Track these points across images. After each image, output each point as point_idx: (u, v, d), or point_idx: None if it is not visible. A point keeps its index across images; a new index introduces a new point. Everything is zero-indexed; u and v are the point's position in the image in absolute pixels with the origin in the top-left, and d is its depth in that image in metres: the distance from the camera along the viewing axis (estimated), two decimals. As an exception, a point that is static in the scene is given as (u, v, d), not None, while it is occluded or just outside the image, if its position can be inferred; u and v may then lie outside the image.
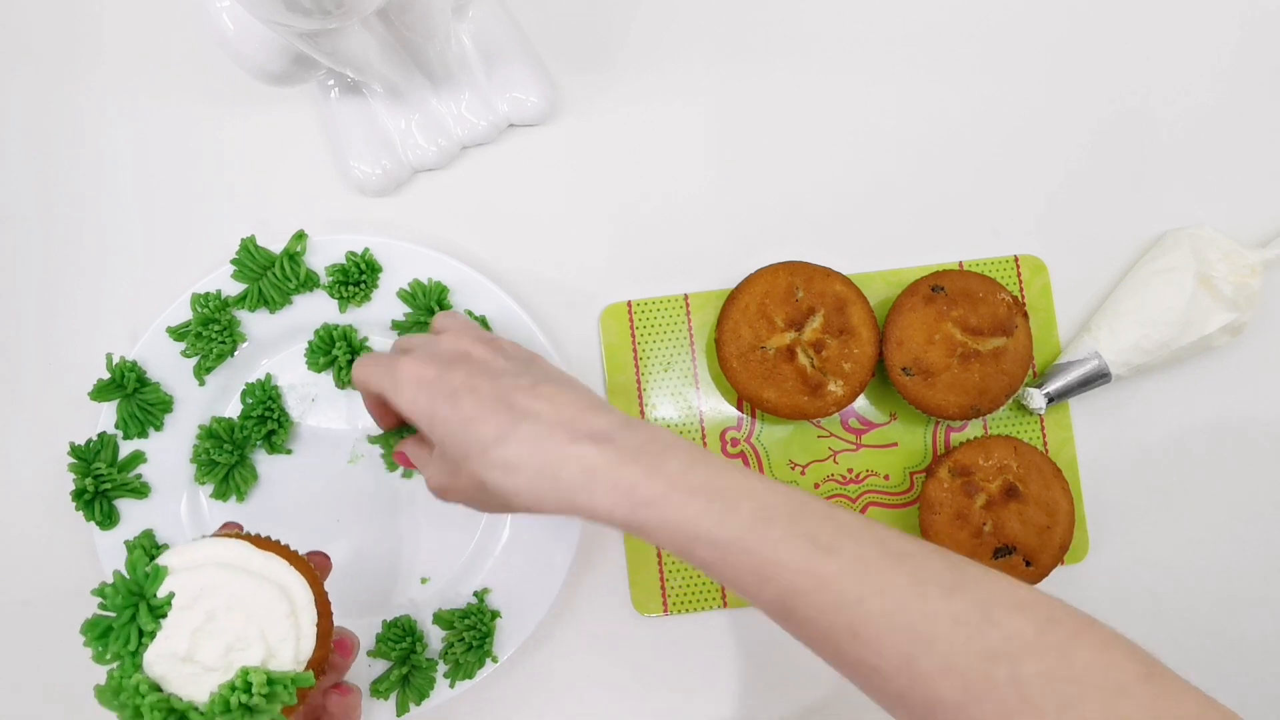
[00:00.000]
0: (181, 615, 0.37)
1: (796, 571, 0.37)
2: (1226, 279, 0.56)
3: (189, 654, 0.37)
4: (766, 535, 0.37)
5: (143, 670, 0.37)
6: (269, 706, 0.36)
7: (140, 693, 0.36)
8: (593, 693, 0.57)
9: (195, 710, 0.36)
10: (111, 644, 0.37)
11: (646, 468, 0.38)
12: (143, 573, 0.37)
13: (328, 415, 0.57)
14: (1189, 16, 0.60)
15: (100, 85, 0.59)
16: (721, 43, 0.59)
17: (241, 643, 0.37)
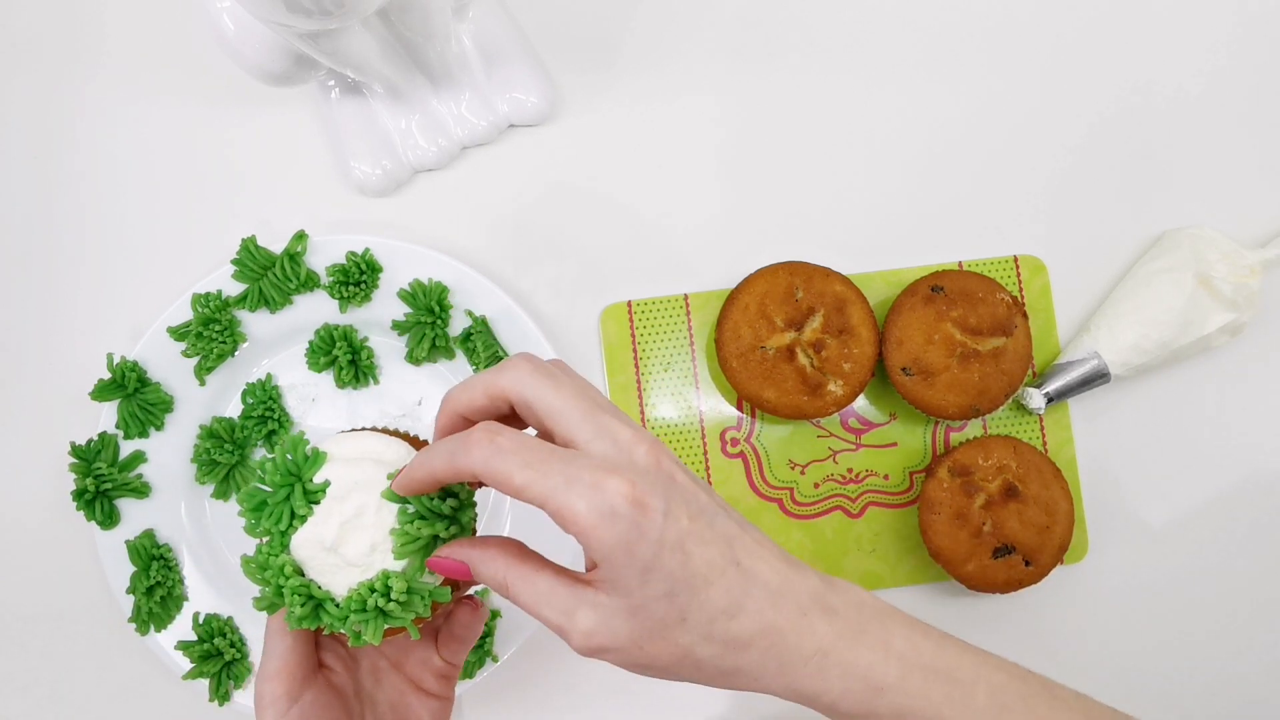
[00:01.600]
0: (333, 505, 0.36)
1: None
2: (1226, 279, 0.56)
3: (335, 544, 0.36)
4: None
5: (289, 551, 0.37)
6: (403, 614, 0.36)
7: (285, 574, 0.36)
8: (593, 693, 0.57)
9: (332, 601, 0.36)
10: (265, 519, 0.37)
11: (876, 646, 0.35)
12: (303, 455, 0.37)
13: (328, 415, 0.57)
14: (1189, 16, 0.60)
15: (101, 85, 0.59)
16: (721, 43, 0.59)
17: (387, 544, 0.36)
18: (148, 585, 0.54)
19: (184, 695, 0.57)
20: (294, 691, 0.38)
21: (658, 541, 0.33)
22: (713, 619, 0.34)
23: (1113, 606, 0.59)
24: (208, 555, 0.56)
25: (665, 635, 0.34)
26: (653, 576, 0.33)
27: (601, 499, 0.32)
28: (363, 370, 0.57)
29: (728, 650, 0.34)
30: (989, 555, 0.54)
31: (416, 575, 0.36)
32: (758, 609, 0.34)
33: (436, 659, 0.41)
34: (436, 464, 0.34)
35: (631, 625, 0.34)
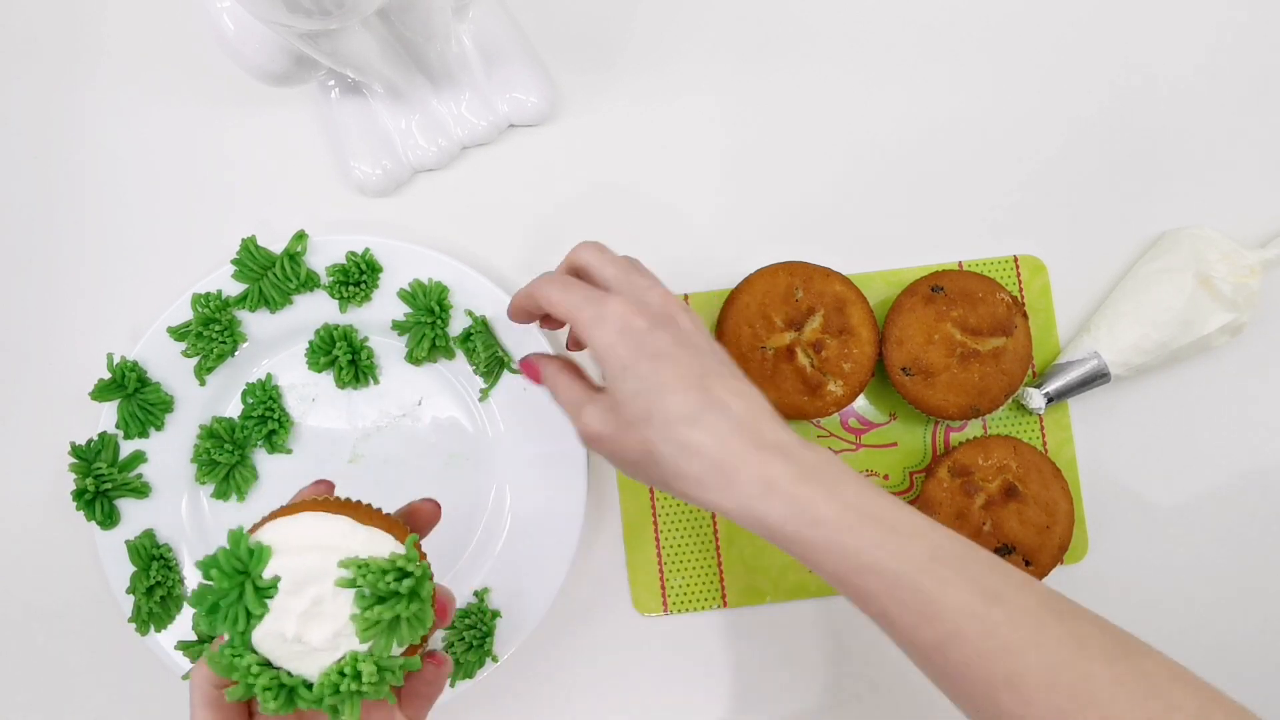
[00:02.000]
0: (288, 599, 0.36)
1: (962, 614, 0.36)
2: (1226, 279, 0.56)
3: (297, 635, 0.36)
4: (937, 574, 0.37)
5: (252, 646, 0.36)
6: (378, 690, 0.36)
7: (253, 674, 0.36)
8: (593, 693, 0.57)
9: (305, 685, 0.36)
10: (220, 622, 0.36)
11: (825, 489, 0.39)
12: (246, 550, 0.37)
13: (328, 415, 0.57)
14: (1189, 16, 0.60)
15: (101, 85, 0.59)
16: (721, 43, 0.59)
17: (349, 628, 0.36)
18: (148, 585, 0.54)
19: (184, 695, 0.57)
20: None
21: (636, 347, 0.41)
22: (670, 422, 0.40)
23: (1113, 607, 0.58)
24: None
25: (634, 428, 0.41)
26: (628, 375, 0.41)
27: (601, 310, 0.42)
28: (363, 370, 0.57)
29: (682, 452, 0.39)
30: (989, 555, 0.54)
31: (384, 653, 0.36)
32: (716, 427, 0.39)
33: (399, 716, 0.41)
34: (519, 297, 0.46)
35: (613, 417, 0.42)
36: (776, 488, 0.38)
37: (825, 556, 0.38)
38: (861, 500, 0.39)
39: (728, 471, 0.39)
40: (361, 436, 0.57)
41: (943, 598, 0.37)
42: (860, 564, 0.38)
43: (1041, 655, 0.36)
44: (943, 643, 0.37)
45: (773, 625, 0.57)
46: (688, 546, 0.57)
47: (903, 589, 0.37)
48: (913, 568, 0.37)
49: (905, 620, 0.38)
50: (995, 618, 0.36)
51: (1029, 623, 0.36)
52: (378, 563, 0.36)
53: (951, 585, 0.37)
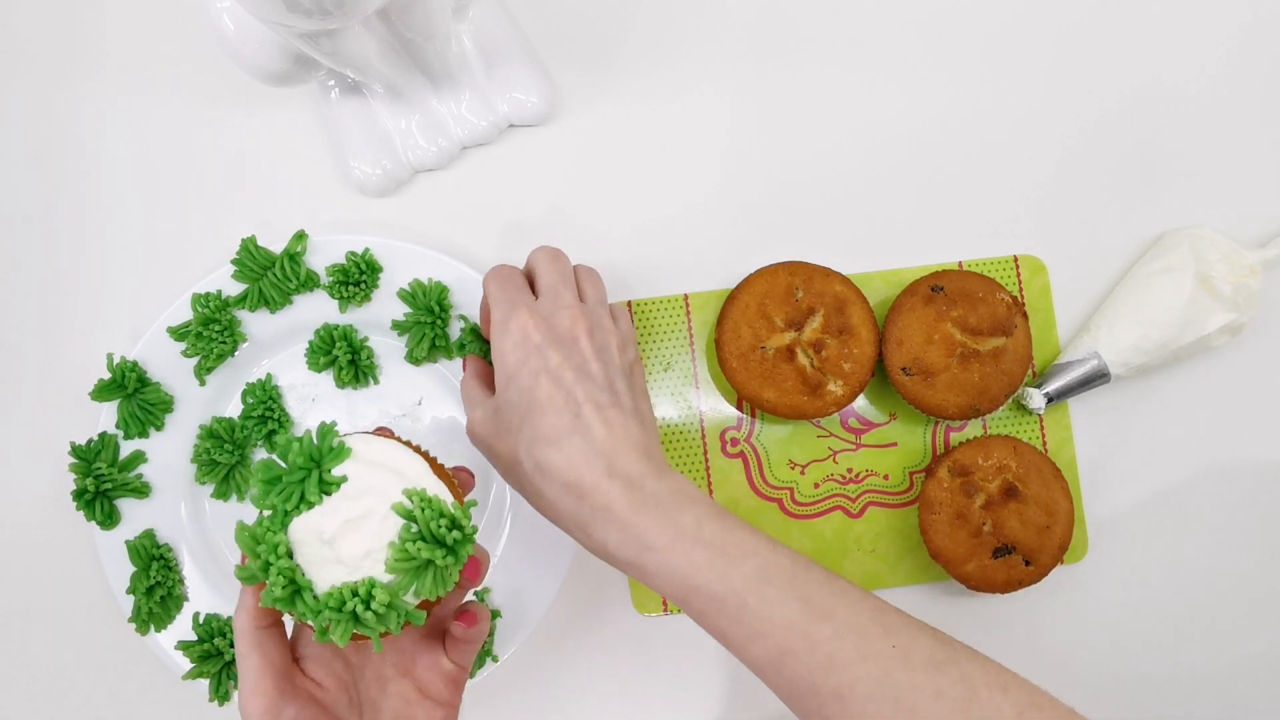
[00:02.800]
0: (342, 501, 0.37)
1: (789, 632, 0.38)
2: (1226, 279, 0.56)
3: (332, 539, 0.36)
4: (764, 594, 0.39)
5: (287, 531, 0.37)
6: (375, 625, 0.36)
7: (276, 553, 0.36)
8: (593, 693, 0.57)
9: (311, 592, 0.36)
10: (274, 494, 0.37)
11: (660, 518, 0.40)
12: (329, 444, 0.37)
13: (328, 415, 0.57)
14: (1189, 16, 0.60)
15: (101, 85, 0.59)
16: (721, 43, 0.59)
17: (381, 553, 0.36)
18: (148, 585, 0.54)
19: (184, 695, 0.57)
20: (274, 708, 0.38)
21: (522, 361, 0.43)
22: (534, 439, 0.42)
23: (1113, 606, 0.59)
24: (208, 555, 0.56)
25: (507, 436, 0.43)
26: (511, 385, 0.44)
27: (508, 316, 0.45)
28: (362, 370, 0.57)
29: (538, 470, 0.42)
30: (989, 555, 0.54)
31: (399, 593, 0.36)
32: (571, 452, 0.41)
33: (446, 662, 0.42)
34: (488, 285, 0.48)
35: (494, 421, 0.45)
36: (612, 514, 0.40)
37: (659, 581, 0.40)
38: (699, 526, 0.40)
39: (574, 496, 0.41)
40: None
41: (770, 615, 0.38)
42: (691, 586, 0.40)
43: (868, 668, 0.37)
44: (774, 659, 0.39)
45: (773, 625, 0.57)
46: (688, 546, 0.57)
47: (731, 609, 0.39)
48: (740, 587, 0.39)
49: (738, 638, 0.40)
50: (823, 633, 0.38)
51: (856, 637, 0.38)
52: (439, 504, 0.37)
53: (778, 604, 0.38)
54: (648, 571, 0.40)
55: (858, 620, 0.38)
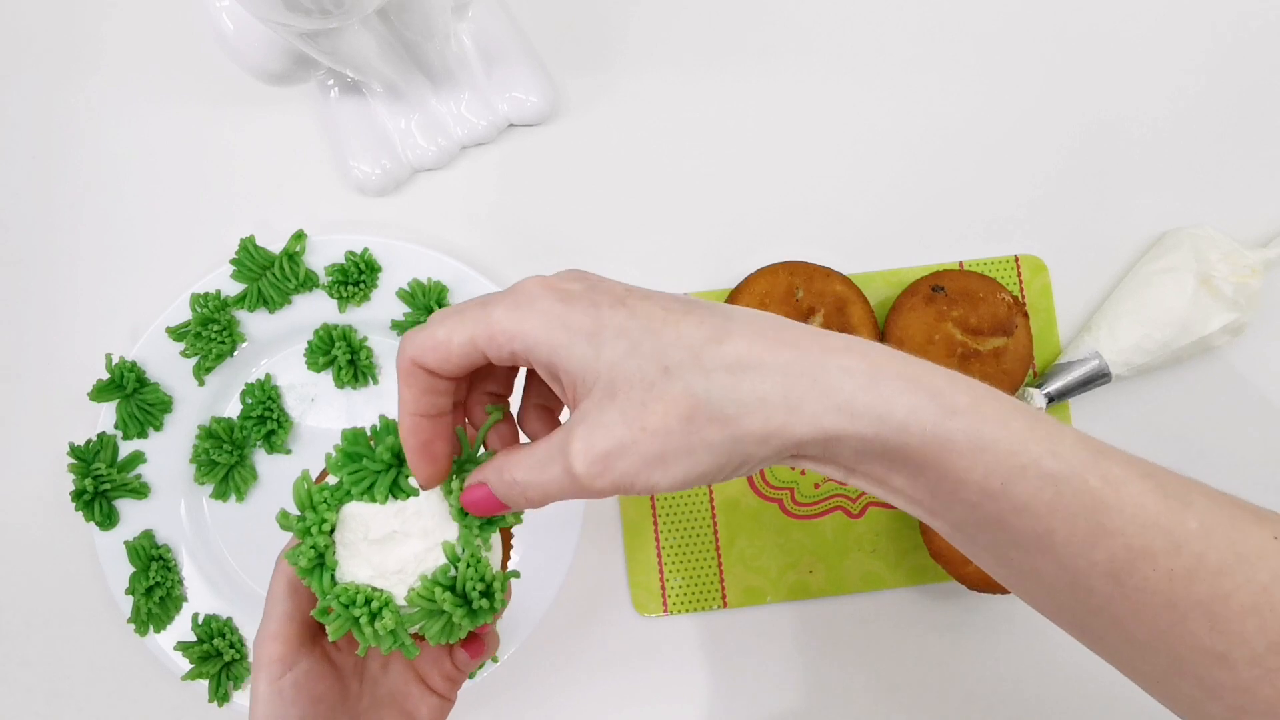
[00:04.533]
0: (402, 514, 0.35)
1: (1146, 525, 0.28)
2: (1227, 279, 0.56)
3: (374, 541, 0.35)
4: (1107, 472, 0.29)
5: (340, 509, 0.36)
6: (369, 638, 0.34)
7: (320, 528, 0.35)
8: (593, 693, 0.57)
9: (331, 577, 0.35)
10: (348, 471, 0.35)
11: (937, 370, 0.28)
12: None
13: (327, 415, 0.57)
14: (1188, 16, 0.60)
15: (100, 85, 0.59)
16: (721, 43, 0.59)
17: (410, 577, 0.35)
18: (147, 586, 0.54)
19: (183, 696, 0.57)
20: (289, 657, 0.37)
21: (591, 303, 0.29)
22: (698, 352, 0.28)
23: (1114, 607, 0.58)
24: (207, 556, 0.56)
25: (655, 395, 0.28)
26: (604, 337, 0.28)
27: (515, 296, 0.29)
28: (362, 370, 0.57)
29: (736, 376, 0.27)
30: (990, 555, 0.54)
31: (406, 624, 0.36)
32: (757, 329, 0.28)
33: (447, 662, 0.41)
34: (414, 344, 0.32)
35: (618, 406, 0.28)
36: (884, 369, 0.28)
37: (964, 459, 0.28)
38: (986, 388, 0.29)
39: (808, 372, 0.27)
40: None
41: (1119, 503, 0.28)
42: (1016, 464, 0.28)
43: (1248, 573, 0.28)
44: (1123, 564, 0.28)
45: (773, 625, 0.57)
46: (688, 547, 0.57)
47: (1069, 495, 0.28)
48: (1079, 464, 0.28)
49: (1074, 538, 0.28)
50: (1189, 527, 0.28)
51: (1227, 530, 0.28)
52: (485, 567, 0.35)
53: (1127, 486, 0.29)
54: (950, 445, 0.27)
55: (1222, 508, 0.29)
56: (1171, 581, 0.28)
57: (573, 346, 0.28)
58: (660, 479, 0.28)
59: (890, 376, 0.28)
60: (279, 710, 0.37)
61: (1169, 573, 0.28)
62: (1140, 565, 0.28)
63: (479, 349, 0.30)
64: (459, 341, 0.30)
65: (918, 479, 0.29)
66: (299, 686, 0.37)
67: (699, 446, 0.28)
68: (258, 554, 0.57)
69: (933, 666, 0.57)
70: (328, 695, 0.38)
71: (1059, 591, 0.30)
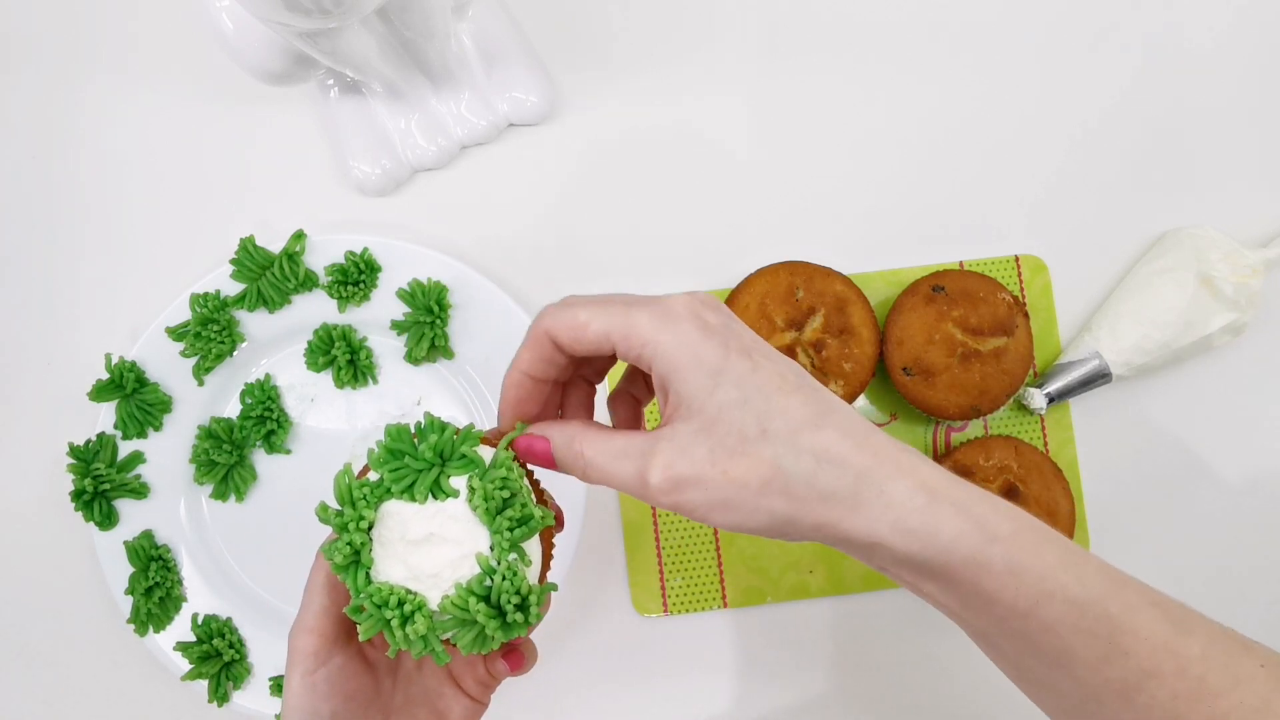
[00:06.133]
0: (440, 516, 0.34)
1: (1154, 649, 0.31)
2: (1227, 279, 0.56)
3: (411, 542, 0.34)
4: (1124, 599, 0.32)
5: (379, 506, 0.35)
6: (399, 641, 0.34)
7: (358, 524, 0.34)
8: (593, 693, 0.57)
9: (367, 575, 0.35)
10: (390, 468, 0.35)
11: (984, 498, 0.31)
12: (460, 453, 0.35)
13: (327, 415, 0.57)
14: (1188, 16, 0.60)
15: (100, 85, 0.59)
16: (721, 44, 0.59)
17: (443, 583, 0.34)
18: (146, 586, 0.54)
19: (183, 696, 0.57)
20: (324, 652, 0.37)
21: (723, 344, 0.31)
22: (797, 429, 0.31)
23: (1114, 607, 0.58)
24: (206, 556, 0.56)
25: (747, 450, 0.31)
26: (723, 380, 0.31)
27: (663, 309, 0.32)
28: (361, 370, 0.56)
29: (819, 464, 0.30)
30: (990, 556, 0.54)
31: (438, 631, 0.35)
32: (848, 428, 0.31)
33: (481, 668, 0.40)
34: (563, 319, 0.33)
35: (710, 444, 0.31)
36: (939, 494, 0.31)
37: (998, 581, 0.31)
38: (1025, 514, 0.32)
39: (878, 480, 0.31)
40: (360, 437, 0.57)
41: (1135, 628, 0.31)
42: (1045, 590, 0.31)
43: (1242, 694, 0.31)
44: (1133, 683, 0.31)
45: (773, 626, 0.57)
46: (688, 547, 0.57)
47: (1091, 619, 0.31)
48: (1099, 592, 0.31)
49: (1089, 656, 0.31)
50: (1192, 652, 0.31)
51: (1223, 657, 0.32)
52: (521, 580, 0.34)
53: (1140, 613, 0.32)
54: (986, 568, 0.31)
55: (1219, 636, 0.33)
56: (1175, 700, 0.31)
57: (695, 375, 0.31)
58: (718, 519, 0.31)
59: (944, 502, 0.31)
60: (312, 705, 0.36)
61: (1174, 693, 0.31)
62: (1149, 685, 0.31)
63: (611, 341, 0.32)
64: (596, 329, 0.32)
65: (951, 591, 0.32)
66: (332, 682, 0.37)
67: (763, 508, 0.31)
68: (257, 554, 0.57)
69: (932, 667, 0.57)
70: (361, 692, 0.38)
71: (1071, 704, 0.33)
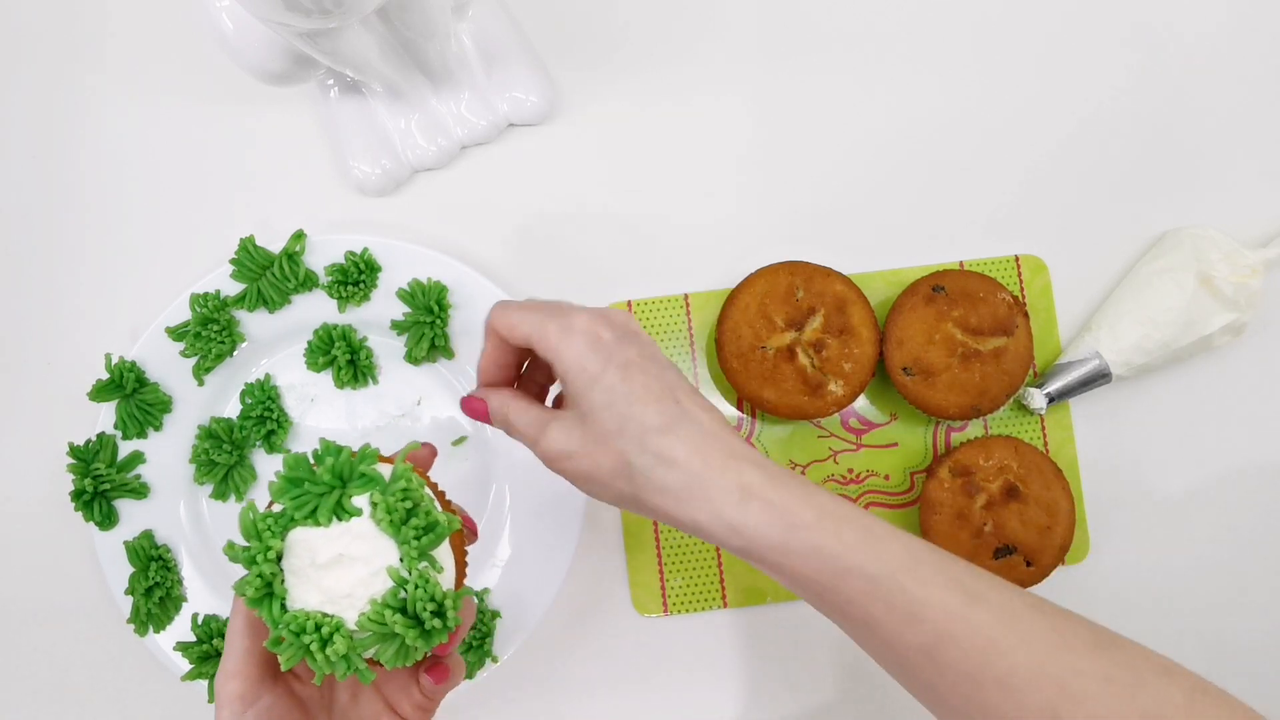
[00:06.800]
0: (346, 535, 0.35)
1: (948, 615, 0.36)
2: (1227, 279, 0.56)
3: (321, 566, 0.35)
4: (919, 574, 0.37)
5: (285, 537, 0.35)
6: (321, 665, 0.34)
7: (266, 556, 0.35)
8: (593, 693, 0.57)
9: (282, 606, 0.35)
10: (290, 496, 0.35)
11: (800, 494, 0.38)
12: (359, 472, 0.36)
13: (327, 415, 0.57)
14: (1187, 16, 0.60)
15: (100, 85, 0.59)
16: (720, 43, 0.59)
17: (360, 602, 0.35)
18: (146, 586, 0.54)
19: (183, 696, 0.57)
20: (250, 694, 0.37)
21: (605, 359, 0.40)
22: (646, 431, 0.39)
23: (1113, 606, 0.58)
24: (206, 556, 0.56)
25: (607, 441, 0.39)
26: (597, 387, 0.39)
27: (568, 323, 0.40)
28: (361, 370, 0.56)
29: (658, 463, 0.39)
30: (990, 555, 0.54)
31: (359, 649, 0.35)
32: (689, 436, 0.39)
33: (415, 691, 0.40)
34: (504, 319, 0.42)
35: (582, 431, 0.40)
36: (753, 493, 0.38)
37: (804, 562, 0.38)
38: (836, 505, 0.39)
39: (704, 481, 0.38)
40: (361, 436, 0.57)
41: (927, 598, 0.37)
42: (842, 566, 0.37)
43: (1030, 653, 0.36)
44: (929, 645, 0.37)
45: (773, 625, 0.57)
46: (688, 547, 0.57)
47: (887, 591, 0.37)
48: (895, 568, 0.37)
49: (890, 623, 0.37)
50: (981, 617, 0.36)
51: (1013, 621, 0.37)
52: (434, 586, 0.35)
53: (934, 585, 0.37)
54: (794, 553, 0.38)
55: (1011, 603, 0.37)
56: (968, 658, 0.36)
57: (580, 379, 0.40)
58: (583, 488, 0.42)
59: (755, 499, 0.38)
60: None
61: (966, 651, 0.36)
62: (945, 646, 0.36)
63: (531, 342, 0.41)
64: (521, 332, 0.41)
65: (777, 575, 0.39)
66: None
67: (613, 487, 0.40)
68: (257, 554, 0.57)
69: (933, 667, 0.57)
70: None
71: (892, 666, 0.39)
